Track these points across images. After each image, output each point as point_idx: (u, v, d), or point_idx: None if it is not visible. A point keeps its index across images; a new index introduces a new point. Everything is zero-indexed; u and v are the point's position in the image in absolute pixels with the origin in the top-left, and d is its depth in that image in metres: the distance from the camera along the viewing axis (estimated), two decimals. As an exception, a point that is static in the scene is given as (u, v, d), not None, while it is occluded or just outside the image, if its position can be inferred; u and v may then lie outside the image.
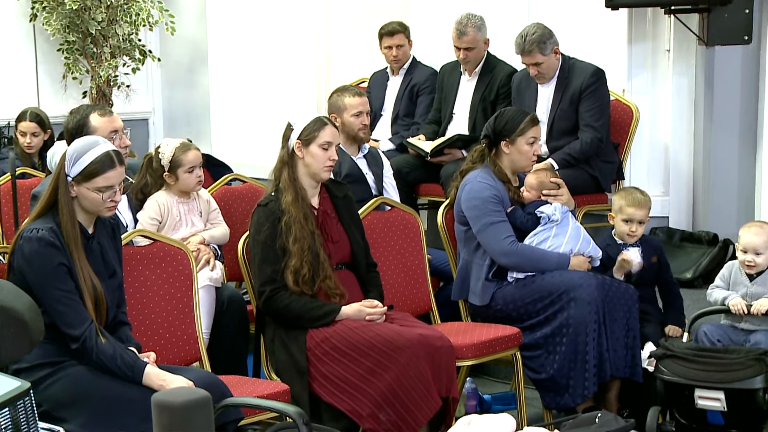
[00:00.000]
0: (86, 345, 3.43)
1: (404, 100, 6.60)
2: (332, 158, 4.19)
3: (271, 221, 4.11)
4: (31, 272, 3.43)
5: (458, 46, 6.17)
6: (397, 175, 5.61)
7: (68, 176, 3.51)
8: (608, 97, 5.75)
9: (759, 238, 4.41)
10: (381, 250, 4.67)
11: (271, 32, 7.88)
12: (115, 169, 3.53)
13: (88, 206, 3.55)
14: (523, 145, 4.70)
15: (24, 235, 3.47)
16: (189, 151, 4.72)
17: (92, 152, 3.52)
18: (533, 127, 4.71)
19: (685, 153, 6.14)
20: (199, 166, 4.75)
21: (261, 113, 7.92)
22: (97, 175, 3.50)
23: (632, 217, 4.71)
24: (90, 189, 3.51)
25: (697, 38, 5.91)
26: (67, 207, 3.50)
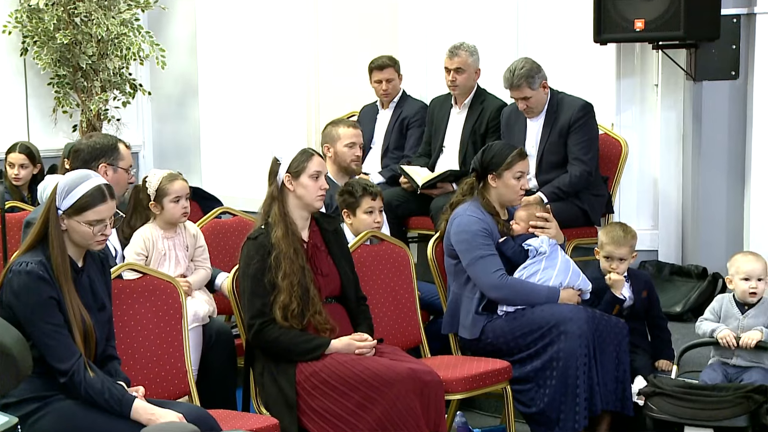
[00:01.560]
0: (74, 379, 3.41)
1: (394, 134, 6.62)
2: (323, 187, 4.21)
3: (261, 255, 4.10)
4: (20, 306, 3.41)
5: (448, 67, 6.19)
6: (387, 207, 5.60)
7: (59, 209, 3.51)
8: (597, 131, 5.78)
9: (759, 264, 4.44)
10: (371, 283, 4.67)
11: (261, 66, 7.91)
12: (106, 203, 3.53)
13: (79, 240, 3.54)
14: (510, 180, 4.71)
15: (13, 269, 3.46)
16: (175, 181, 4.73)
17: (83, 186, 3.52)
18: (520, 161, 4.71)
19: (673, 187, 6.16)
20: (185, 197, 4.74)
21: (251, 147, 7.93)
22: (88, 209, 3.50)
23: (612, 255, 4.73)
24: (80, 222, 3.51)
25: (685, 73, 5.95)
26: (57, 240, 3.49)
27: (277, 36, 7.79)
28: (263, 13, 7.87)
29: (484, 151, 4.83)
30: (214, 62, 8.23)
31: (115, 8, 7.52)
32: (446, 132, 6.33)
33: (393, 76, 6.66)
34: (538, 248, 4.64)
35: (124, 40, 7.48)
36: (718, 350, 4.48)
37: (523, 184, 4.74)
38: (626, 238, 4.77)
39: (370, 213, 4.90)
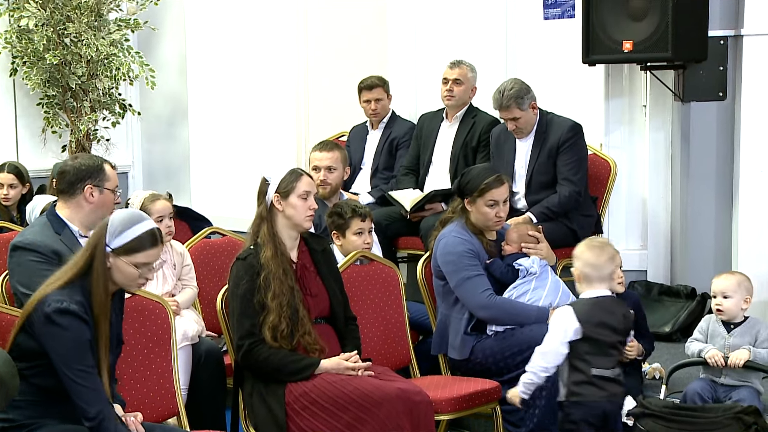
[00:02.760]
0: (103, 426, 3.34)
1: (383, 154, 6.64)
2: (312, 207, 4.21)
3: (250, 275, 4.10)
4: (55, 345, 3.33)
5: (448, 77, 6.23)
6: (377, 228, 5.62)
7: (108, 247, 3.44)
8: (586, 151, 5.81)
9: (727, 282, 4.47)
10: (360, 303, 4.67)
11: (251, 87, 7.93)
12: (157, 248, 3.49)
13: (121, 280, 3.48)
14: (482, 207, 4.69)
15: (52, 305, 3.33)
16: (157, 201, 4.75)
17: (138, 227, 3.47)
18: (494, 189, 4.67)
19: (662, 207, 6.19)
20: (168, 216, 4.76)
21: (240, 167, 7.94)
22: (139, 251, 3.45)
23: None
24: (128, 263, 3.45)
25: (673, 94, 5.99)
26: (103, 278, 3.42)
27: (266, 56, 7.82)
28: (253, 33, 7.90)
29: (463, 174, 4.84)
30: (203, 82, 8.24)
31: (104, 29, 7.54)
32: (435, 146, 6.36)
33: (382, 96, 6.68)
34: (528, 268, 4.65)
35: (113, 61, 7.49)
36: (706, 369, 4.50)
37: (498, 212, 4.68)
38: None
39: (359, 234, 4.91)
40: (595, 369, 3.92)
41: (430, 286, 4.87)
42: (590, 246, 4.07)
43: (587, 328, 3.91)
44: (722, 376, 4.44)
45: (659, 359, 5.20)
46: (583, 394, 3.91)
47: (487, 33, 6.72)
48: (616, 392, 3.96)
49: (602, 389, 3.92)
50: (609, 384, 3.93)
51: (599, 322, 3.93)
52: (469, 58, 6.45)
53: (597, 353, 3.91)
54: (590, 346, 3.92)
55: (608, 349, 3.94)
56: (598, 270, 4.00)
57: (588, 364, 3.91)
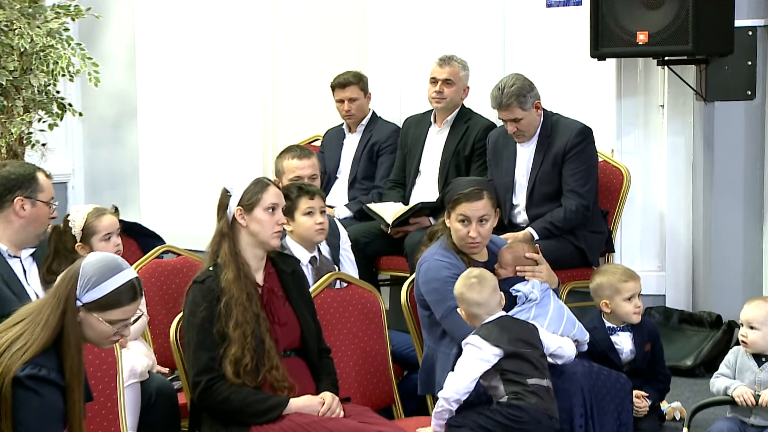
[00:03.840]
0: None
1: (363, 161, 6.64)
2: (280, 222, 4.20)
3: (209, 301, 4.09)
4: (27, 414, 3.24)
5: (437, 77, 6.25)
6: (355, 246, 5.62)
7: (78, 301, 3.35)
8: (596, 159, 5.83)
9: (756, 311, 4.49)
10: (336, 333, 4.65)
11: (210, 84, 7.93)
12: (136, 302, 3.42)
13: (92, 337, 3.40)
14: (454, 222, 4.67)
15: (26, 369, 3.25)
16: (103, 216, 4.73)
17: (115, 279, 3.38)
18: (464, 203, 4.64)
19: (682, 222, 6.21)
20: (116, 233, 4.75)
21: (198, 176, 7.93)
22: (115, 307, 3.37)
23: (634, 291, 4.76)
24: (101, 320, 3.37)
25: (694, 93, 6.02)
26: (75, 340, 3.33)
27: (227, 49, 7.82)
28: (212, 22, 7.90)
29: (446, 184, 4.86)
30: (155, 79, 8.24)
31: (40, 17, 7.51)
32: (423, 154, 6.37)
33: (357, 94, 6.68)
34: (527, 294, 4.64)
35: (50, 53, 7.46)
36: (734, 409, 4.51)
37: (470, 231, 4.64)
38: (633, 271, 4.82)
39: (309, 214, 4.90)
40: (530, 379, 4.14)
41: (416, 315, 4.86)
42: (468, 285, 4.32)
43: (505, 347, 4.16)
44: (752, 416, 4.45)
45: (680, 397, 5.20)
46: (527, 401, 4.11)
47: (481, 23, 6.74)
48: (552, 407, 4.16)
49: (543, 399, 4.13)
50: (547, 394, 4.15)
51: (512, 339, 4.19)
52: (461, 52, 6.47)
53: (525, 366, 4.16)
54: (517, 360, 4.16)
55: (534, 361, 4.18)
56: (485, 306, 4.31)
57: (522, 376, 4.14)
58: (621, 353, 4.79)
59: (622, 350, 4.79)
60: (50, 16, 7.57)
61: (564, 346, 4.41)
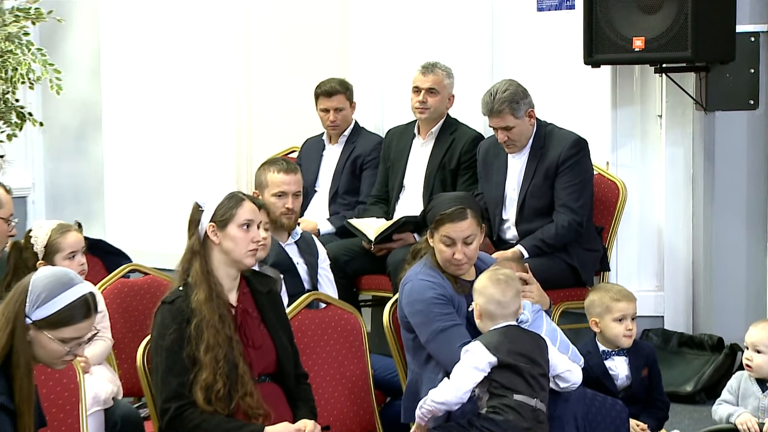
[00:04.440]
0: None
1: (345, 174, 6.64)
2: (255, 239, 4.20)
3: (179, 323, 4.08)
4: None
5: (420, 86, 6.26)
6: (335, 264, 5.61)
7: (28, 318, 3.33)
8: (591, 173, 5.84)
9: (764, 333, 4.52)
10: (314, 357, 4.65)
11: (180, 91, 7.92)
12: (90, 319, 3.41)
13: (43, 357, 3.37)
14: (438, 243, 4.66)
15: None
16: (68, 233, 4.74)
17: (66, 295, 3.37)
18: (448, 224, 4.62)
19: (681, 239, 6.22)
20: (81, 252, 4.76)
21: (167, 190, 7.91)
22: (67, 325, 3.35)
23: (626, 313, 4.76)
24: (53, 338, 3.34)
25: (693, 102, 6.04)
26: (25, 360, 3.30)
27: (198, 54, 7.81)
28: (181, 26, 7.90)
29: (432, 199, 4.87)
30: (121, 87, 8.22)
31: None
32: (407, 167, 6.38)
33: (343, 104, 6.68)
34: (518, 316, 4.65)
35: (9, 59, 7.45)
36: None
37: (455, 253, 4.62)
38: (630, 291, 4.83)
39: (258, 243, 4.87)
40: (517, 395, 4.17)
41: (400, 337, 4.85)
42: (495, 280, 4.36)
43: (502, 357, 4.20)
44: (757, 446, 4.46)
45: (679, 425, 5.21)
46: (504, 416, 4.15)
47: (468, 28, 6.76)
48: (537, 428, 4.16)
49: (524, 418, 4.14)
50: (532, 413, 4.16)
51: (512, 350, 4.22)
52: (446, 58, 6.48)
53: (517, 381, 4.19)
54: (510, 373, 4.20)
55: (529, 378, 4.20)
56: (504, 308, 4.33)
57: (510, 391, 4.18)
58: (616, 379, 4.79)
59: (618, 376, 4.79)
60: (9, 20, 7.56)
61: (573, 370, 4.41)
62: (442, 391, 4.25)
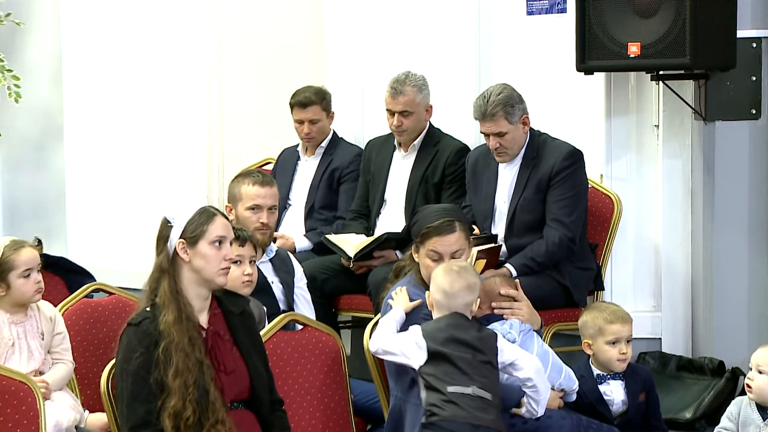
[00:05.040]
0: None
1: (322, 188, 6.64)
2: (228, 257, 4.19)
3: (145, 346, 4.07)
4: None
5: (392, 109, 6.26)
6: (312, 283, 5.60)
7: None
8: (585, 186, 5.84)
9: None
10: (290, 382, 4.65)
11: (147, 99, 7.90)
12: None
13: None
14: (424, 258, 4.72)
15: None
16: (22, 250, 4.75)
17: None
18: (435, 237, 4.69)
19: (680, 256, 6.23)
20: (36, 269, 4.77)
21: (133, 204, 7.90)
22: None
23: (619, 336, 4.77)
24: None
25: (692, 111, 6.06)
26: None
27: (166, 60, 7.80)
28: (149, 30, 7.88)
29: (414, 213, 4.88)
30: (84, 94, 8.21)
31: (-48, 22, 7.50)
32: (388, 181, 6.39)
33: (318, 116, 6.68)
34: (505, 335, 4.66)
35: (-36, 65, 7.44)
36: (739, 469, 4.53)
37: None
38: (626, 312, 4.83)
39: (236, 264, 4.88)
40: (450, 387, 4.32)
41: (381, 361, 4.85)
42: (447, 270, 4.52)
43: (432, 345, 4.38)
44: (758, 476, 4.47)
45: (678, 453, 5.22)
46: (441, 414, 4.29)
47: (453, 32, 6.76)
48: (480, 415, 4.28)
49: (462, 408, 4.25)
50: (470, 401, 4.28)
51: (449, 339, 4.38)
52: (430, 64, 6.49)
53: (450, 370, 4.35)
54: (442, 363, 4.36)
55: (464, 366, 4.34)
56: (450, 298, 4.49)
57: (443, 383, 4.33)
58: (612, 404, 4.80)
59: (613, 401, 4.80)
60: (-36, 22, 7.55)
61: (524, 358, 4.48)
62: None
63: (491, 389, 4.33)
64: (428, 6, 6.85)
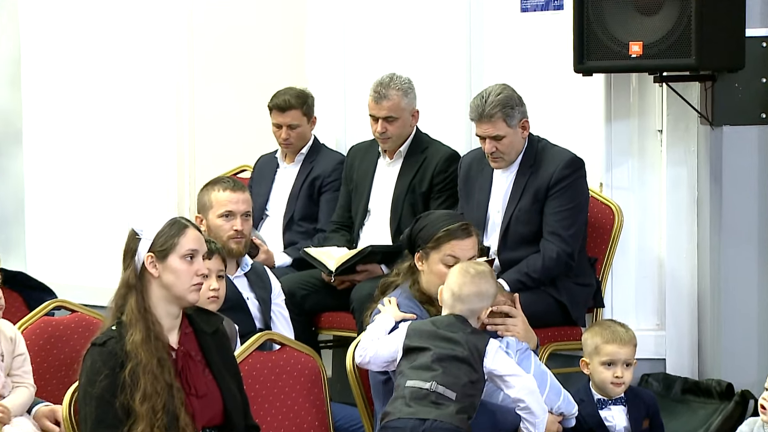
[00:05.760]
0: None
1: (302, 198, 6.65)
2: (201, 272, 4.18)
3: (111, 368, 4.06)
4: None
5: (375, 114, 6.26)
6: (290, 299, 5.60)
7: None
8: (586, 197, 5.84)
9: None
10: (266, 406, 4.65)
11: (112, 102, 7.90)
12: None
13: None
14: (436, 264, 4.74)
15: None
16: None
17: None
18: (455, 240, 4.73)
19: (685, 270, 6.24)
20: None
21: (98, 214, 7.89)
22: None
23: (615, 358, 4.76)
24: None
25: (698, 115, 6.07)
26: None
27: (133, 61, 7.80)
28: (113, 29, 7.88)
29: (418, 219, 4.89)
30: (44, 97, 8.20)
31: None
32: (372, 190, 6.39)
33: (298, 120, 6.68)
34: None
35: None
36: (750, 497, 4.54)
37: None
38: (629, 334, 4.82)
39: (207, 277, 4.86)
40: (410, 381, 4.38)
41: (366, 382, 4.86)
42: (463, 271, 4.55)
43: (408, 342, 4.45)
44: (770, 505, 4.48)
45: (685, 482, 5.23)
46: (390, 413, 4.38)
47: (442, 30, 6.77)
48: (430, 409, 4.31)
49: (409, 406, 4.32)
50: (423, 397, 4.33)
51: (432, 333, 4.45)
52: (418, 65, 6.49)
53: (420, 365, 4.40)
54: (415, 357, 4.43)
55: (435, 362, 4.37)
56: (456, 301, 4.51)
57: (405, 378, 4.41)
58: (613, 430, 4.80)
59: (615, 427, 4.80)
60: None
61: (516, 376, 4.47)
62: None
63: (459, 390, 4.34)
64: (415, 2, 6.85)
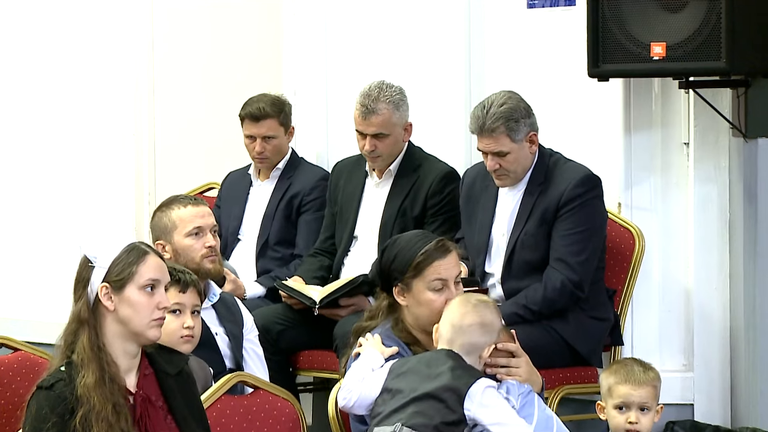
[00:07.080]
0: None
1: (278, 219, 6.66)
2: (162, 305, 4.17)
3: (59, 415, 4.05)
4: None
5: (363, 131, 6.26)
6: (265, 336, 5.60)
7: None
8: (601, 221, 5.83)
9: None
10: (238, 458, 4.64)
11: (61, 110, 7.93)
12: None
13: None
14: (423, 293, 4.72)
15: None
16: None
17: None
18: (437, 261, 4.72)
19: (716, 304, 6.24)
20: None
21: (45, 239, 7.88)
22: None
23: (627, 400, 4.76)
24: None
25: (730, 126, 6.08)
26: None
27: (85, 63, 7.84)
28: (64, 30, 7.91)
29: (384, 249, 4.88)
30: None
31: None
32: (359, 214, 6.39)
33: (275, 131, 6.68)
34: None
35: None
36: None
37: (449, 297, 4.70)
38: (648, 376, 4.81)
39: (174, 313, 4.86)
40: (378, 428, 4.45)
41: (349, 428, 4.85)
42: (463, 301, 4.63)
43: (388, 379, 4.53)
44: None
45: None
46: None
47: (438, 29, 6.78)
48: None
49: None
50: None
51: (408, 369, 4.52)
52: (411, 69, 6.51)
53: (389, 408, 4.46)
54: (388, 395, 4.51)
55: (406, 403, 4.43)
56: (456, 333, 4.55)
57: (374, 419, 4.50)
58: (637, 487, 4.80)
59: None
60: None
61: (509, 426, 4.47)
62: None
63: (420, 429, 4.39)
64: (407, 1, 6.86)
